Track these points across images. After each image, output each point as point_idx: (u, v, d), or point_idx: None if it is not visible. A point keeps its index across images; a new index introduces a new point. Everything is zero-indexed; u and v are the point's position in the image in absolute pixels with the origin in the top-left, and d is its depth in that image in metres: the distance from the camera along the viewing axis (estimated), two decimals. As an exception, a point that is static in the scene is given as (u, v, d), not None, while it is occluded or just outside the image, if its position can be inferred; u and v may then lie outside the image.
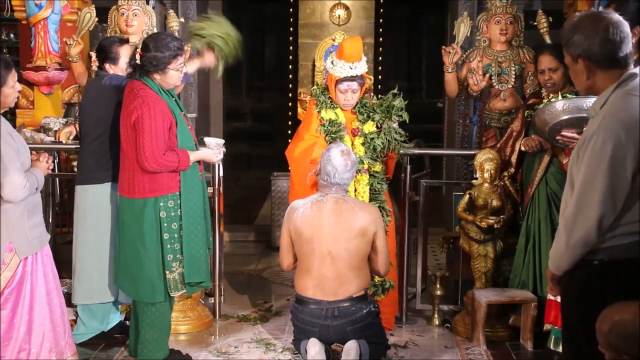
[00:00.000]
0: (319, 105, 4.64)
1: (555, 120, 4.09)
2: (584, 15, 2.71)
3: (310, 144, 4.54)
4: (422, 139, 5.52)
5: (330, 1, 8.60)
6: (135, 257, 4.01)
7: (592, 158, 2.55)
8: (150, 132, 3.85)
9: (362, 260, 4.04)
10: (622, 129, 2.51)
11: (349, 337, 4.02)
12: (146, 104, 3.87)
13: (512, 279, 4.69)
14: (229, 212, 4.26)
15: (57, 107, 6.25)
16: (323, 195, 4.07)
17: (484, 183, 4.68)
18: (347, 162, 4.05)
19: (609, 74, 2.62)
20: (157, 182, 3.95)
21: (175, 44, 3.99)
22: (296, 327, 4.17)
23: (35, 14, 6.02)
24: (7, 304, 3.52)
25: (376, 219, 4.06)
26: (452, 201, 5.98)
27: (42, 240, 3.65)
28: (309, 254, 4.02)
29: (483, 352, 4.47)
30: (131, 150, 3.94)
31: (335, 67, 4.53)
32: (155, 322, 4.09)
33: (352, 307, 4.00)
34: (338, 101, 4.61)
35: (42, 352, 3.61)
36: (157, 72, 3.96)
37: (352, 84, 4.55)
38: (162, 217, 3.98)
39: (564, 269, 2.70)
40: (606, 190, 2.52)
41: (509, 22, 5.42)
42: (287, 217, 4.12)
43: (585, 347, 2.62)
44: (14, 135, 3.54)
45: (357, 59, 4.52)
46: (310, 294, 4.03)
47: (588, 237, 2.58)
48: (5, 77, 3.46)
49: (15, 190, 3.41)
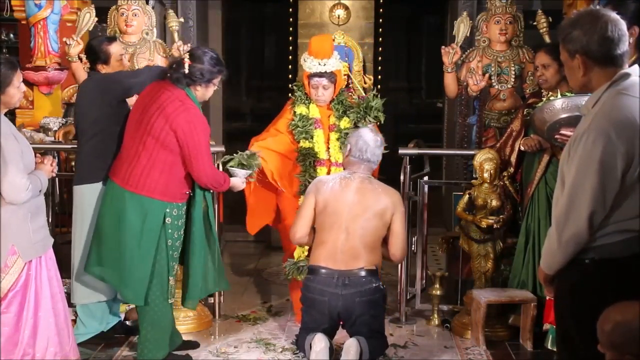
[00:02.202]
0: (295, 101, 4.80)
1: (554, 118, 4.09)
2: (583, 12, 2.72)
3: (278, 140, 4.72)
4: (422, 138, 5.51)
5: (330, 1, 8.61)
6: (127, 254, 3.97)
7: (582, 157, 2.56)
8: (206, 148, 3.98)
9: (376, 241, 4.13)
10: (612, 128, 2.52)
11: (355, 309, 4.04)
12: (197, 119, 3.96)
13: (512, 278, 4.69)
14: (229, 212, 4.26)
15: (56, 107, 6.24)
16: (351, 173, 4.17)
17: (483, 183, 4.68)
18: (377, 138, 4.22)
19: (605, 72, 2.63)
20: (170, 189, 3.99)
21: (221, 60, 4.13)
22: (306, 299, 4.16)
23: (35, 14, 6.01)
24: (12, 307, 3.51)
25: (396, 202, 4.15)
26: (451, 201, 5.98)
27: (46, 243, 3.65)
28: (328, 227, 4.10)
29: (483, 352, 4.47)
30: (160, 150, 3.93)
31: (305, 62, 4.72)
32: (155, 322, 4.09)
33: (362, 278, 4.06)
34: (313, 97, 4.75)
35: (47, 356, 3.61)
36: (201, 84, 4.03)
37: (321, 80, 4.69)
38: (167, 224, 4.00)
39: (556, 268, 2.70)
40: (596, 189, 2.53)
41: (509, 22, 5.42)
42: (315, 188, 4.20)
43: (579, 345, 2.63)
44: (18, 136, 3.54)
45: (325, 55, 4.67)
46: (322, 264, 4.08)
47: (579, 235, 2.58)
48: (11, 77, 3.47)
49: (18, 192, 3.41)
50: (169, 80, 4.03)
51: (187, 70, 3.98)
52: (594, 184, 2.53)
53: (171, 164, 3.96)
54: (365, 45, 8.48)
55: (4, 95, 3.46)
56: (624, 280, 2.58)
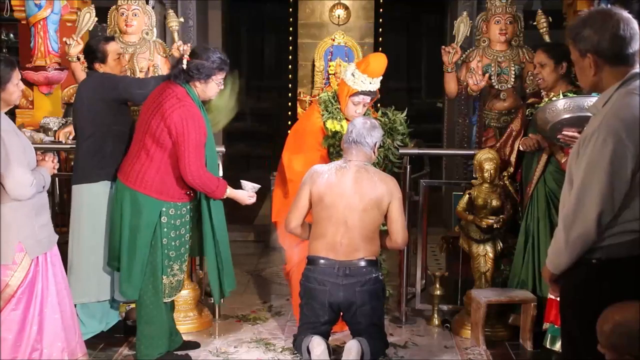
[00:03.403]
0: (326, 115, 4.66)
1: (557, 119, 4.09)
2: (594, 10, 2.70)
3: (313, 157, 4.53)
4: (422, 139, 5.52)
5: (329, 1, 8.61)
6: (123, 249, 4.06)
7: (592, 156, 2.54)
8: (195, 146, 3.94)
9: (374, 231, 4.12)
10: (623, 127, 2.51)
11: (356, 300, 4.03)
12: (192, 117, 3.94)
13: (512, 278, 4.69)
14: (228, 212, 4.26)
15: (56, 107, 6.24)
16: (346, 162, 4.13)
17: (483, 183, 4.68)
18: (366, 121, 4.15)
19: (616, 71, 2.61)
20: (166, 187, 4.00)
21: (223, 57, 4.09)
22: (306, 290, 4.14)
23: (35, 14, 6.01)
24: (20, 304, 3.53)
25: (392, 190, 4.10)
26: (451, 201, 5.98)
27: (51, 240, 3.68)
28: (326, 219, 4.07)
29: (483, 352, 4.47)
30: (156, 148, 3.96)
31: (355, 79, 4.58)
32: (151, 320, 4.10)
33: (363, 268, 4.05)
34: (347, 112, 4.66)
35: (54, 352, 3.63)
36: (199, 80, 4.01)
37: (366, 98, 4.63)
38: (162, 222, 4.02)
39: (563, 267, 2.69)
40: (606, 188, 2.52)
41: (509, 22, 5.42)
42: (311, 179, 4.14)
43: (583, 346, 2.62)
44: (20, 134, 3.56)
45: (379, 75, 4.60)
46: (322, 254, 4.08)
47: (587, 235, 2.58)
48: (10, 74, 3.48)
49: (22, 188, 3.42)
50: (173, 78, 4.05)
51: (185, 66, 3.99)
52: (603, 184, 2.52)
53: (167, 163, 3.97)
54: (365, 45, 8.47)
55: (3, 92, 3.47)
56: (631, 281, 2.56)
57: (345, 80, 4.63)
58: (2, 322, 3.49)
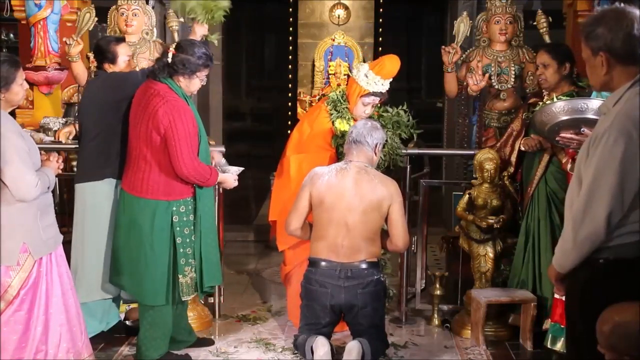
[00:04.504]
0: (334, 115, 4.66)
1: (554, 121, 4.09)
2: (607, 9, 2.68)
3: (322, 158, 4.53)
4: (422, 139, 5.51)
5: (329, 1, 8.60)
6: (142, 258, 4.01)
7: (603, 156, 2.53)
8: (185, 139, 3.89)
9: (375, 232, 4.12)
10: (634, 127, 2.50)
11: (358, 302, 4.04)
12: (177, 110, 3.90)
13: (512, 278, 4.69)
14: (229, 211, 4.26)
15: (56, 107, 6.24)
16: (347, 163, 4.14)
17: (483, 183, 4.68)
18: (367, 122, 4.18)
19: (627, 71, 2.60)
20: (172, 187, 3.98)
21: (208, 53, 4.06)
22: (307, 292, 4.14)
23: (35, 14, 6.00)
24: (23, 305, 3.52)
25: (393, 193, 4.10)
26: (451, 201, 5.98)
27: (56, 240, 3.67)
28: (326, 222, 4.08)
29: (483, 352, 4.47)
30: (151, 151, 3.94)
31: (369, 80, 4.59)
32: (155, 322, 4.09)
33: (365, 270, 4.06)
34: (356, 112, 4.66)
35: (60, 353, 3.62)
36: (184, 76, 3.99)
37: (376, 99, 4.66)
38: (174, 222, 4.00)
39: (569, 267, 2.68)
40: (616, 189, 2.51)
41: (509, 22, 5.41)
42: (311, 181, 4.14)
43: (588, 346, 2.60)
44: (25, 135, 3.55)
45: (392, 77, 4.64)
46: (324, 256, 4.08)
47: (596, 235, 2.56)
48: (15, 75, 3.47)
49: (27, 189, 3.41)
50: (151, 75, 4.02)
51: (170, 60, 3.97)
52: (613, 184, 2.51)
53: (167, 163, 3.96)
54: (365, 45, 8.48)
55: (8, 92, 3.46)
56: (637, 281, 2.55)
57: (357, 81, 4.63)
58: (7, 323, 3.48)
